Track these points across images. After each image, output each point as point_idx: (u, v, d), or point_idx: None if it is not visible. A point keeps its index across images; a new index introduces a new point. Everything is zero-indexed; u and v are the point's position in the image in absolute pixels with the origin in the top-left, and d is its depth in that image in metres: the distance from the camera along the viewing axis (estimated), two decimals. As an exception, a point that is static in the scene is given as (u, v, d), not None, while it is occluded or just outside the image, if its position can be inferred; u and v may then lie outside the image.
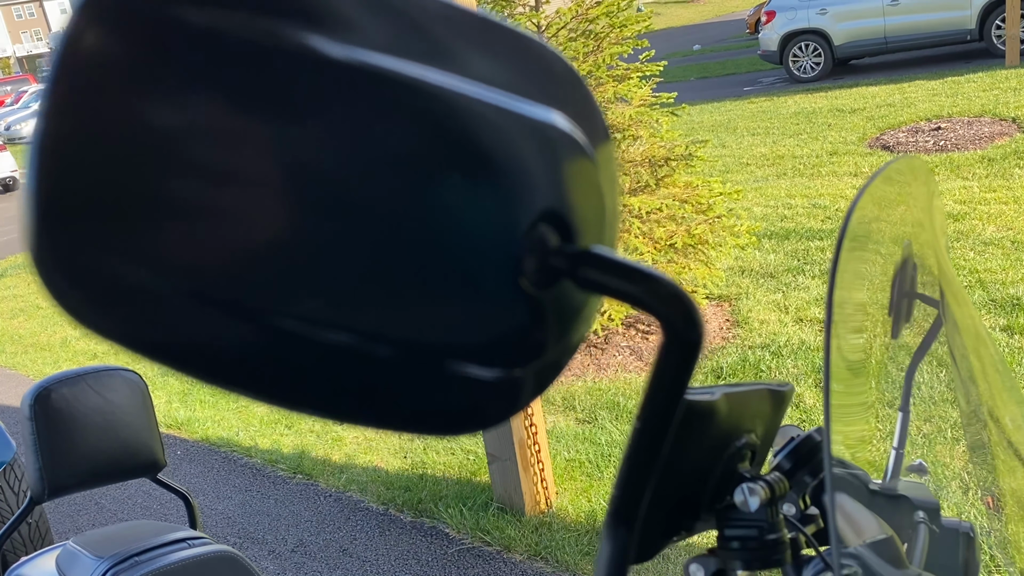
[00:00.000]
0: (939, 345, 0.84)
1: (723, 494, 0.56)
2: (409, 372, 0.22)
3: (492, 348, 0.22)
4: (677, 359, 0.25)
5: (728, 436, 0.56)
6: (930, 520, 0.78)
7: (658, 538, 0.55)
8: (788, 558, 0.56)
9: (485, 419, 0.24)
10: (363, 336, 0.21)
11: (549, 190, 0.22)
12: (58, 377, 1.52)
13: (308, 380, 0.21)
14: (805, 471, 0.70)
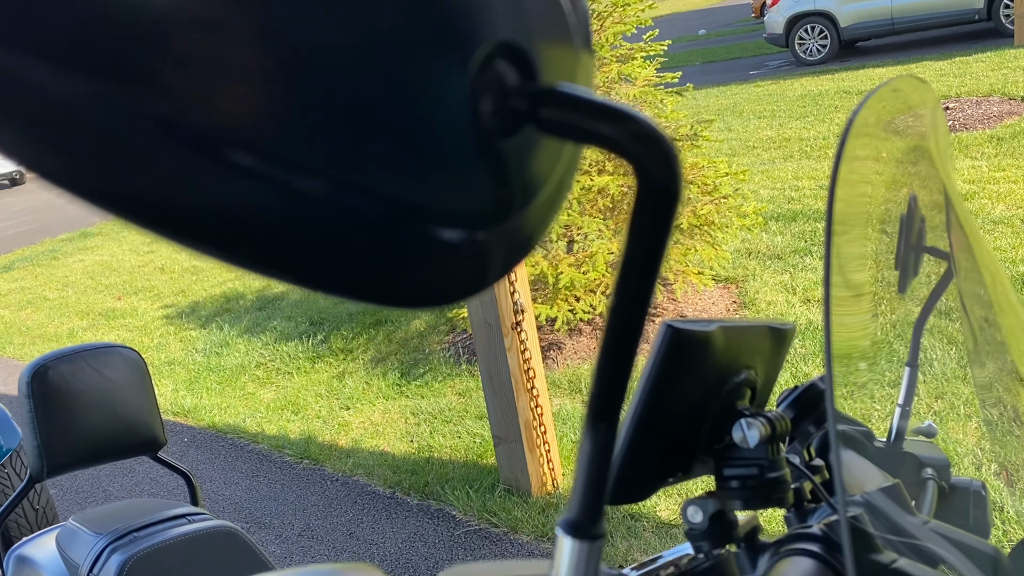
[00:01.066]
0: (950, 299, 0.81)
1: (721, 434, 0.54)
2: (364, 226, 0.19)
3: (453, 204, 0.19)
4: (653, 212, 0.23)
5: (725, 371, 0.53)
6: (939, 477, 0.76)
7: (653, 479, 0.52)
8: (790, 498, 0.54)
9: (451, 289, 0.21)
10: (303, 182, 0.18)
11: (504, 18, 0.19)
12: (55, 354, 1.50)
13: (268, 233, 0.19)
14: (809, 420, 0.68)
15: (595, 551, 0.29)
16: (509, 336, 2.72)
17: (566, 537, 0.29)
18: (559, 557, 0.30)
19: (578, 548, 0.29)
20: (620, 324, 0.25)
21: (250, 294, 5.62)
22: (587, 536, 0.29)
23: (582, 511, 0.29)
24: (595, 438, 0.28)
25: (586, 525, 0.29)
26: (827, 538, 0.52)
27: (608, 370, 0.26)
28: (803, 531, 0.53)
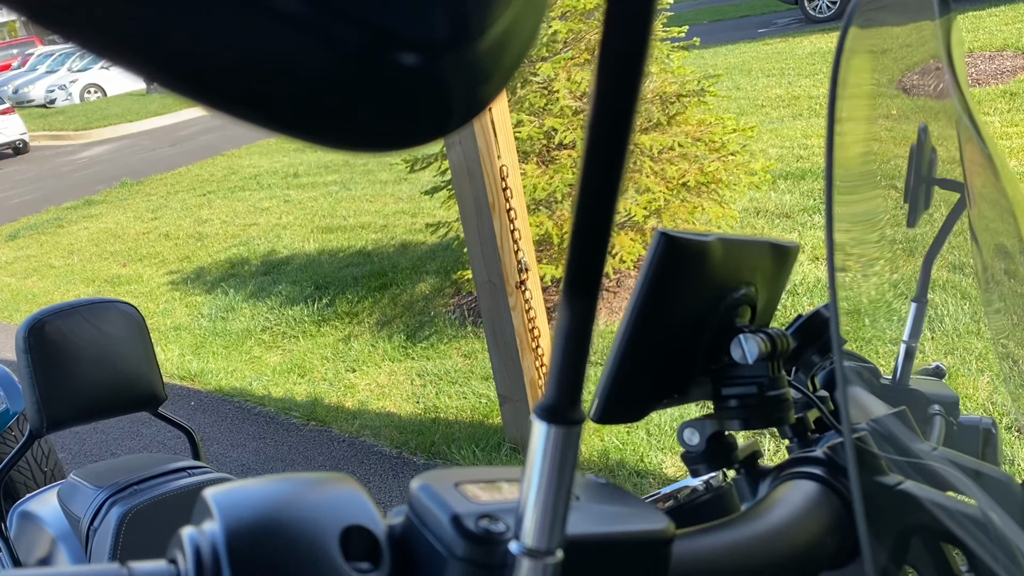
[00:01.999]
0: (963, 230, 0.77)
1: (719, 353, 0.51)
2: (337, 53, 0.16)
3: (414, 26, 0.16)
4: (622, 39, 0.19)
5: (723, 286, 0.50)
6: (947, 413, 0.73)
7: (647, 398, 0.49)
8: (791, 417, 0.51)
9: (417, 125, 0.18)
10: None
11: None
12: (51, 309, 1.48)
13: (239, 69, 0.16)
14: (813, 349, 0.64)
15: (573, 437, 0.26)
16: (513, 295, 2.69)
17: (541, 423, 0.27)
18: (533, 445, 0.27)
19: (554, 434, 0.26)
20: (594, 185, 0.22)
21: (255, 259, 5.60)
22: (564, 421, 0.26)
23: (558, 395, 0.26)
24: (573, 314, 0.24)
25: (563, 409, 0.26)
26: (831, 461, 0.49)
27: (583, 238, 0.23)
28: (805, 455, 0.51)
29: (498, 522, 0.29)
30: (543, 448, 0.26)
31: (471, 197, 2.59)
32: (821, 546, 0.45)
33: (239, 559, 0.28)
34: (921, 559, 0.50)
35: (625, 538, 0.32)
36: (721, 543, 0.40)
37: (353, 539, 0.30)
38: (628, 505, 0.34)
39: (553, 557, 0.27)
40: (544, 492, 0.27)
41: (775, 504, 0.46)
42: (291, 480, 0.32)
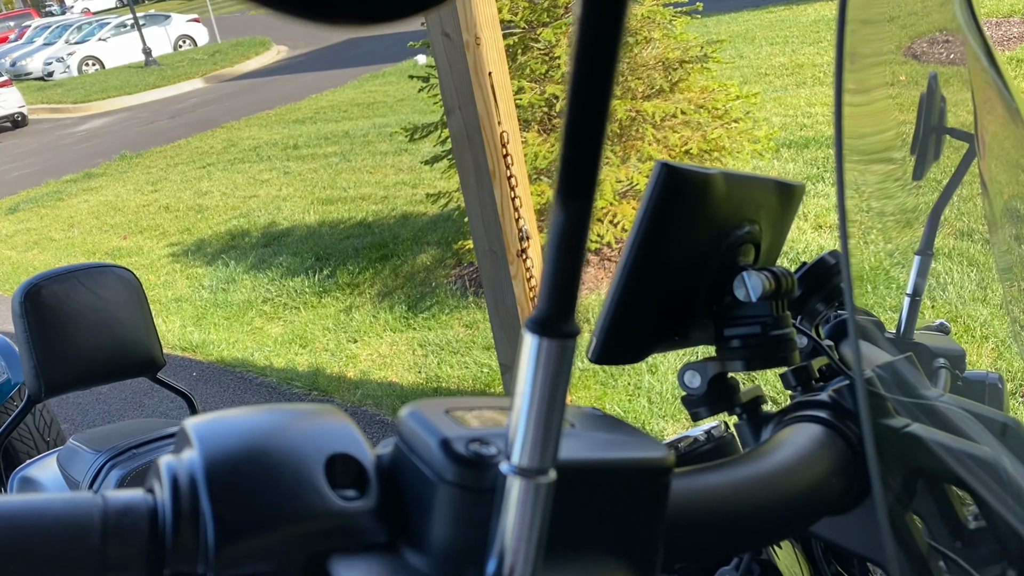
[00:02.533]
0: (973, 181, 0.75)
1: (721, 293, 0.49)
2: None
3: None
4: None
5: (726, 222, 0.48)
6: (953, 367, 0.71)
7: (647, 338, 0.48)
8: (795, 358, 0.50)
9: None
10: None
11: None
12: (48, 274, 1.46)
13: None
14: (818, 297, 0.63)
15: (567, 352, 0.24)
16: (514, 264, 2.67)
17: (532, 337, 0.24)
18: (524, 360, 0.25)
19: (546, 348, 0.24)
20: (586, 75, 0.20)
21: (255, 231, 5.58)
22: (557, 334, 0.24)
23: (550, 306, 0.24)
24: (567, 217, 0.22)
25: (556, 321, 0.24)
26: (836, 404, 0.48)
27: (578, 134, 0.21)
28: (810, 399, 0.49)
29: (489, 446, 0.28)
30: (534, 362, 0.25)
31: (471, 164, 2.56)
32: (826, 487, 0.44)
33: (218, 487, 0.27)
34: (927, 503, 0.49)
35: (623, 464, 0.30)
36: (723, 481, 0.39)
37: (339, 467, 0.29)
38: (626, 434, 0.33)
39: (546, 477, 0.25)
40: (536, 409, 0.25)
41: (779, 445, 0.44)
42: (275, 410, 0.30)
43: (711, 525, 0.37)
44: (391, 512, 0.29)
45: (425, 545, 0.28)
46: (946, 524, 0.50)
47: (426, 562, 0.28)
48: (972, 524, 0.51)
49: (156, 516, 0.27)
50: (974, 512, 0.51)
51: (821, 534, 0.50)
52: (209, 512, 0.26)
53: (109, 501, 0.27)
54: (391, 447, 0.30)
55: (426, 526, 0.28)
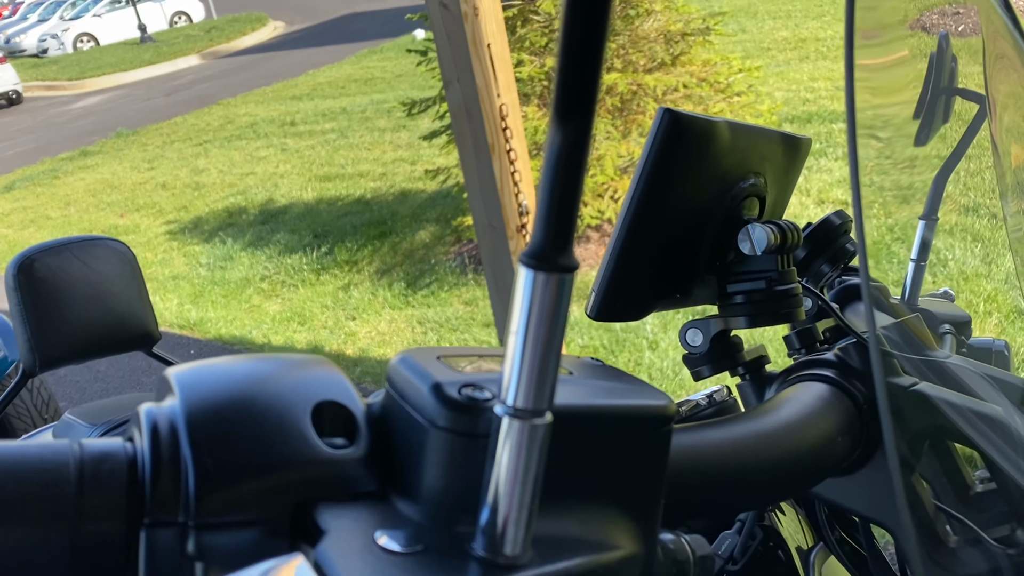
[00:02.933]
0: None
1: (725, 248, 0.47)
2: None
3: None
4: None
5: (730, 173, 0.46)
6: (959, 333, 0.70)
7: (648, 295, 0.46)
8: (800, 315, 0.48)
9: None
10: None
11: None
12: (41, 247, 1.44)
13: None
14: (823, 259, 0.61)
15: (564, 288, 0.23)
16: (514, 239, 2.65)
17: (526, 271, 0.23)
18: (518, 296, 0.23)
19: (542, 283, 0.23)
20: None
21: (253, 208, 5.55)
22: (552, 267, 0.23)
23: (546, 238, 0.22)
24: (563, 139, 0.21)
25: (552, 254, 0.22)
26: (842, 362, 0.47)
27: (575, 48, 0.19)
28: (815, 358, 0.48)
29: (483, 391, 0.27)
30: (528, 298, 0.23)
31: (470, 138, 2.53)
32: (831, 446, 0.42)
33: (199, 433, 0.25)
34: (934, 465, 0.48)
35: (623, 411, 0.29)
36: (725, 438, 0.38)
37: (327, 415, 0.27)
38: (626, 383, 0.31)
39: (541, 419, 0.24)
40: (531, 348, 0.23)
41: (784, 403, 0.43)
42: (261, 359, 0.29)
43: (712, 482, 0.36)
44: (381, 460, 0.28)
45: (416, 493, 0.27)
46: (952, 487, 0.49)
47: (417, 510, 0.26)
48: (979, 487, 0.50)
49: (135, 464, 0.25)
50: (980, 476, 0.50)
51: (825, 496, 0.49)
52: (190, 459, 0.25)
53: (86, 448, 0.26)
54: (382, 396, 0.29)
55: (417, 474, 0.27)
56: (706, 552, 0.32)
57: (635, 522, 0.29)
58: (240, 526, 0.25)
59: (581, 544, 0.27)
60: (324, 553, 0.24)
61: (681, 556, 0.31)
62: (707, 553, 0.32)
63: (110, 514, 0.25)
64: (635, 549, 0.29)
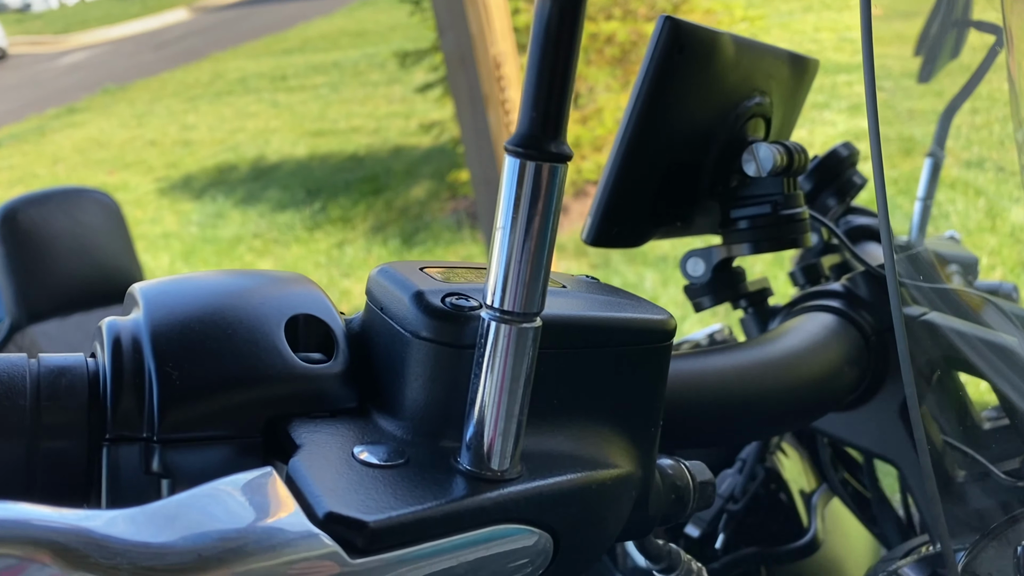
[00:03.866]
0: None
1: (728, 172, 0.45)
2: None
3: None
4: None
5: (735, 91, 0.43)
6: (966, 273, 0.68)
7: (648, 220, 0.44)
8: (807, 240, 0.46)
9: None
10: None
11: None
12: (24, 197, 1.41)
13: None
14: (829, 192, 0.59)
15: (556, 177, 0.21)
16: (509, 192, 2.61)
17: (512, 160, 0.21)
18: (503, 185, 0.21)
19: (531, 172, 0.20)
20: None
21: (244, 165, 5.48)
22: (543, 155, 0.20)
23: (533, 123, 0.20)
24: (554, 7, 0.18)
25: (541, 140, 0.20)
26: (850, 293, 0.45)
27: None
28: (821, 289, 0.46)
29: (468, 299, 0.25)
30: (515, 190, 0.21)
31: (465, 88, 2.47)
32: (837, 376, 0.41)
33: (163, 345, 0.24)
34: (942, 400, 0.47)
35: (620, 324, 0.27)
36: (728, 365, 0.36)
37: (302, 329, 0.26)
38: (624, 298, 0.29)
39: (531, 323, 0.22)
40: (519, 245, 0.21)
41: (789, 332, 0.41)
42: (233, 272, 0.27)
43: (713, 410, 0.35)
44: (361, 376, 0.26)
45: (398, 408, 0.25)
46: (961, 423, 0.48)
47: (399, 425, 0.25)
48: (987, 424, 0.48)
49: (96, 379, 0.24)
50: (989, 415, 0.49)
51: (830, 431, 0.47)
52: (154, 372, 0.23)
53: (43, 362, 0.24)
54: (362, 311, 0.27)
55: (399, 388, 0.25)
56: (706, 478, 0.30)
57: (632, 442, 0.27)
58: (208, 442, 0.23)
59: (575, 461, 0.25)
60: (297, 466, 0.22)
61: (680, 481, 0.29)
62: (708, 479, 0.30)
63: (69, 429, 0.23)
64: (631, 469, 0.27)
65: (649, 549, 0.31)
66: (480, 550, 0.22)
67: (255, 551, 0.19)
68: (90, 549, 0.17)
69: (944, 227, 0.90)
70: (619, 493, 0.26)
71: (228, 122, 6.68)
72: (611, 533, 0.27)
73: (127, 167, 6.12)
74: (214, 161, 5.72)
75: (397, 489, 0.22)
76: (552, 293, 0.27)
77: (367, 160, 5.05)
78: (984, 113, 0.70)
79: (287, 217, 4.43)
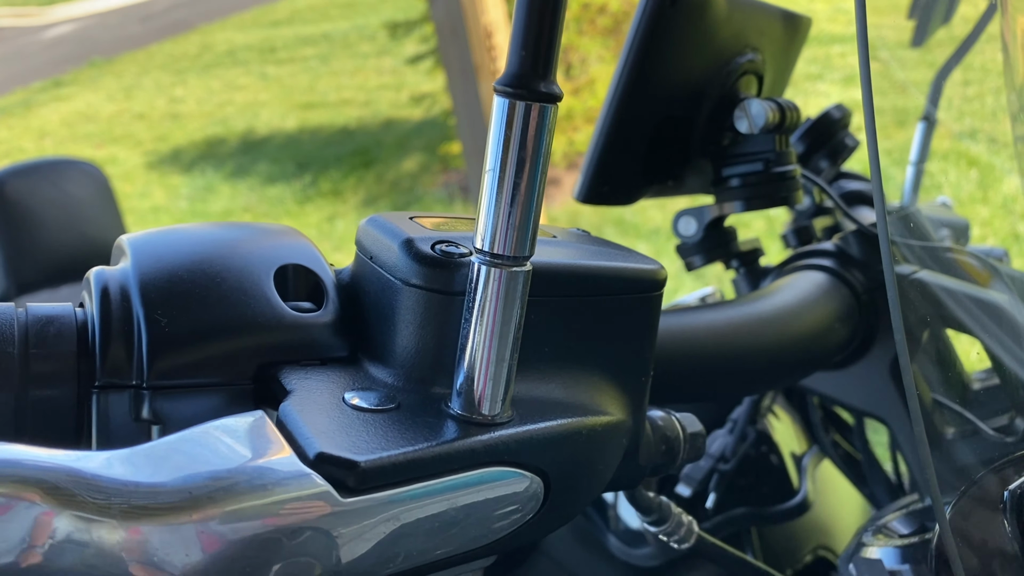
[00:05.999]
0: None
1: (721, 131, 0.45)
2: None
3: None
4: None
5: (727, 47, 0.43)
6: (957, 238, 0.69)
7: (640, 177, 0.44)
8: (798, 198, 0.46)
9: None
10: None
11: None
12: (11, 168, 1.40)
13: None
14: (822, 154, 0.59)
15: (547, 117, 0.21)
16: (502, 164, 2.61)
17: (502, 100, 0.20)
18: (493, 126, 0.21)
19: (521, 112, 0.20)
20: None
21: (233, 138, 5.42)
22: (532, 95, 0.20)
23: (523, 62, 0.20)
24: None
25: (530, 79, 0.20)
26: (841, 252, 0.45)
27: None
28: (813, 248, 0.46)
29: (458, 246, 0.25)
30: (504, 130, 0.21)
31: (456, 59, 2.45)
32: (828, 334, 0.41)
33: (152, 293, 0.24)
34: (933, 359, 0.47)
35: (610, 273, 0.27)
36: (719, 319, 0.36)
37: (291, 278, 0.26)
38: (615, 248, 0.29)
39: (521, 266, 0.22)
40: (509, 187, 0.21)
41: (780, 289, 0.42)
42: (223, 224, 0.27)
43: (704, 364, 0.35)
44: (351, 326, 0.26)
45: (389, 355, 0.25)
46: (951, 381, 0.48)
47: (390, 372, 0.25)
48: (977, 384, 0.49)
49: (84, 327, 0.24)
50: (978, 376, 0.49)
51: (821, 390, 0.48)
52: (142, 319, 0.23)
53: (31, 311, 0.24)
54: (351, 262, 0.27)
55: (390, 335, 0.25)
56: (697, 430, 0.30)
57: (622, 391, 0.28)
58: (198, 389, 0.23)
59: (565, 407, 0.26)
60: (288, 409, 0.22)
61: (671, 432, 0.30)
62: (698, 431, 0.30)
63: (58, 377, 0.23)
64: (622, 417, 0.27)
65: (640, 500, 0.32)
66: (471, 493, 0.22)
67: (247, 490, 0.19)
68: (80, 488, 0.17)
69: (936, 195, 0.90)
70: (609, 440, 0.26)
71: (217, 95, 6.61)
72: (601, 480, 0.27)
73: (115, 141, 6.05)
74: (203, 134, 5.66)
75: (388, 432, 0.22)
76: (543, 243, 0.27)
77: (358, 133, 5.00)
78: (977, 84, 0.69)
79: (277, 191, 4.40)
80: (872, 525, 0.39)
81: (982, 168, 2.57)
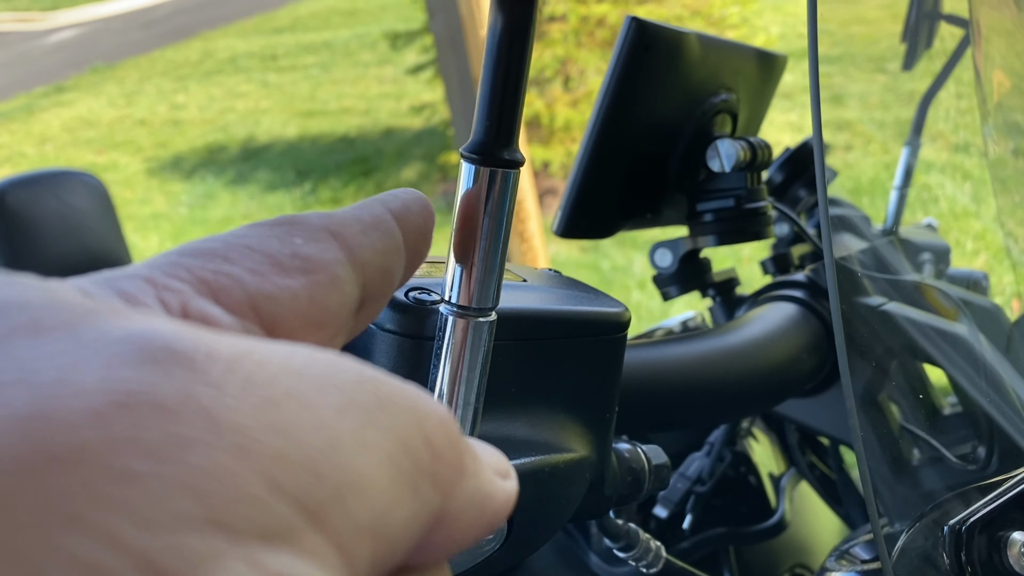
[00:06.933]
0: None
1: (695, 166, 0.47)
2: None
3: None
4: None
5: (701, 87, 0.45)
6: (938, 262, 0.70)
7: (616, 212, 0.46)
8: (769, 232, 0.48)
9: None
10: None
11: None
12: (13, 179, 1.41)
13: None
14: (800, 183, 0.61)
15: (508, 183, 0.22)
16: (500, 175, 2.62)
17: (468, 166, 0.22)
18: (460, 189, 0.23)
19: (485, 178, 0.22)
20: None
21: (233, 146, 5.44)
22: (496, 162, 0.22)
23: (488, 131, 0.21)
24: (507, 21, 0.20)
25: (494, 147, 0.21)
26: (812, 284, 0.47)
27: None
28: (786, 279, 0.48)
29: (430, 293, 0.26)
30: (469, 185, 0.22)
31: (455, 71, 2.47)
32: (796, 364, 0.43)
33: None
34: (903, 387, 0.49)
35: (574, 317, 0.28)
36: (688, 352, 0.38)
37: None
38: (582, 291, 0.31)
39: (486, 316, 0.23)
40: (476, 246, 0.23)
41: (751, 320, 0.43)
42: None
43: (673, 394, 0.36)
44: None
45: None
46: (920, 408, 0.49)
47: None
48: (948, 410, 0.50)
49: None
50: (951, 401, 0.51)
51: (795, 417, 0.49)
52: None
53: None
54: None
55: None
56: (662, 461, 0.32)
57: (587, 428, 0.29)
58: None
59: (530, 445, 0.27)
60: None
61: (636, 464, 0.31)
62: (663, 462, 0.32)
63: None
64: (586, 453, 0.28)
65: (608, 528, 0.33)
66: None
67: None
68: None
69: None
70: (573, 475, 0.28)
71: (218, 102, 6.63)
72: (564, 513, 0.28)
73: (116, 147, 6.07)
74: (204, 141, 5.68)
75: None
76: (511, 287, 0.28)
77: (358, 141, 5.02)
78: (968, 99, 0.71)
79: (277, 198, 4.41)
80: (836, 551, 0.40)
81: (975, 182, 2.59)
